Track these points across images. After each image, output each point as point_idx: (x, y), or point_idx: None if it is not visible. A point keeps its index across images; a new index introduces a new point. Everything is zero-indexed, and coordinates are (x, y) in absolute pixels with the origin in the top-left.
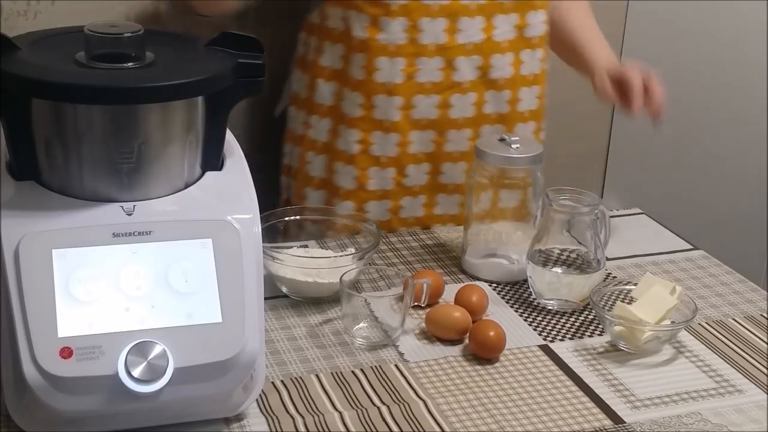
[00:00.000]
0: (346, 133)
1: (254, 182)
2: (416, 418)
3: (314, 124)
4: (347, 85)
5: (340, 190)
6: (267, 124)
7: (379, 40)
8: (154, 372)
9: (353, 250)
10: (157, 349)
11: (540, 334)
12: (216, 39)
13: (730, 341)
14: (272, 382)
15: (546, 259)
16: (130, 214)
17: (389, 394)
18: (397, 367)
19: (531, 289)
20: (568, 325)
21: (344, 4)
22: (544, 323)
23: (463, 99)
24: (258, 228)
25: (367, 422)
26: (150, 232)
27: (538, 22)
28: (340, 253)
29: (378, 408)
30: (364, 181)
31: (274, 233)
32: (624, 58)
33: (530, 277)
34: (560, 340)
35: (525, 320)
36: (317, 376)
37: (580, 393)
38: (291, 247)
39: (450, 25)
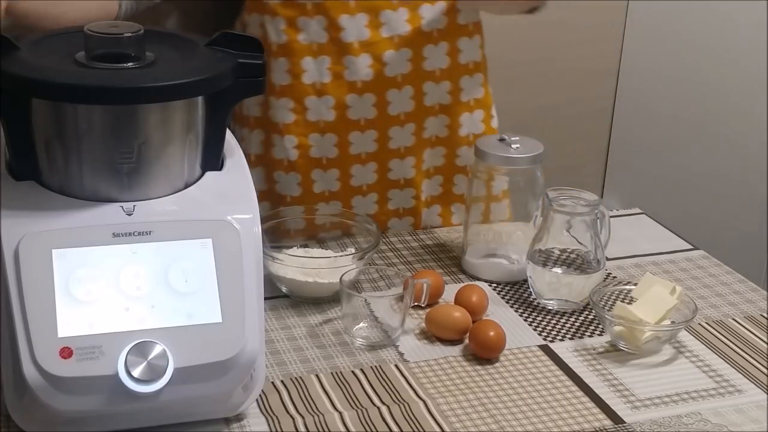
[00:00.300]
0: (281, 141)
1: None
2: (416, 418)
3: (245, 137)
4: (273, 93)
5: (285, 198)
6: None
7: (300, 41)
8: (154, 372)
9: (353, 250)
10: (157, 349)
11: (540, 334)
12: (215, 39)
13: (730, 341)
14: (272, 382)
15: (546, 259)
16: (130, 214)
17: (389, 394)
18: (397, 367)
19: (531, 289)
20: (568, 325)
21: (259, 9)
22: (544, 323)
23: (400, 95)
24: (258, 228)
25: (367, 422)
26: (150, 232)
27: (470, 8)
28: (340, 253)
29: (378, 408)
30: (309, 185)
31: (274, 233)
32: (624, 58)
33: (530, 277)
34: (560, 340)
35: (525, 320)
36: (317, 376)
37: (580, 393)
38: (291, 247)
39: (372, 19)
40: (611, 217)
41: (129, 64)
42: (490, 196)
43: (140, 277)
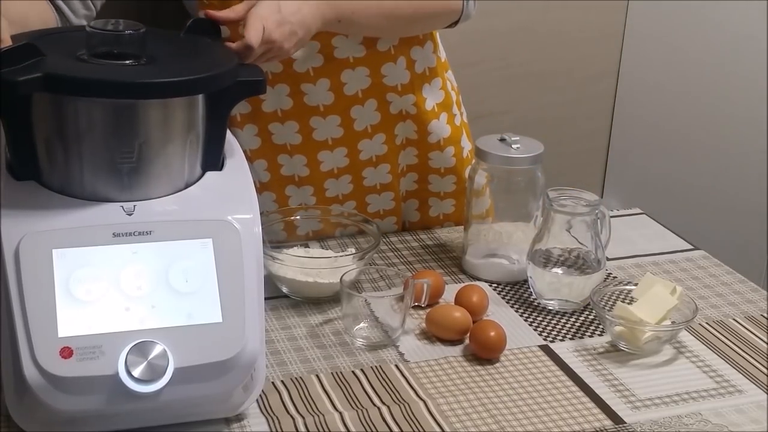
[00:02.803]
0: (251, 167)
1: None
2: (416, 419)
3: None
4: (234, 123)
5: (262, 215)
6: None
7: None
8: (154, 372)
9: (353, 250)
10: (157, 349)
11: (540, 335)
12: (190, 26)
13: (731, 341)
14: (272, 382)
15: (546, 260)
16: (130, 214)
17: (389, 395)
18: (397, 367)
19: (531, 289)
20: (568, 326)
21: None
22: (545, 323)
23: (364, 110)
24: (258, 228)
25: (367, 422)
26: (150, 232)
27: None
28: (340, 253)
29: (378, 408)
30: (284, 202)
31: (275, 233)
32: (624, 58)
33: (530, 277)
34: (560, 340)
35: (525, 320)
36: (317, 376)
37: (580, 393)
38: (291, 247)
39: (326, 41)
40: (611, 217)
41: (129, 61)
42: (490, 196)
43: (140, 277)
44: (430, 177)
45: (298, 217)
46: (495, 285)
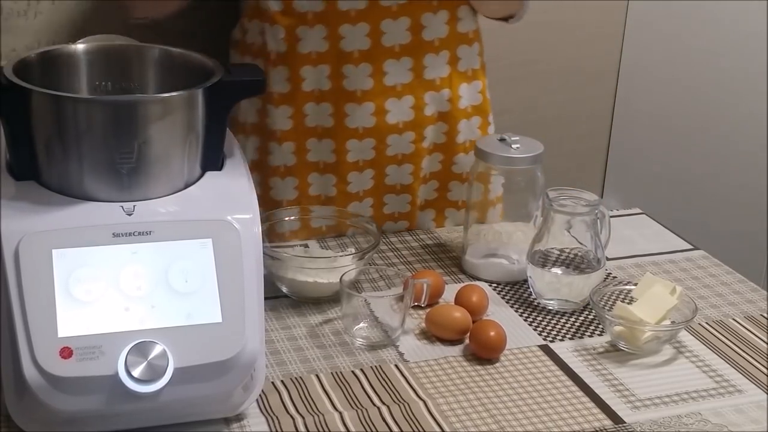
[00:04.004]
0: (279, 149)
1: None
2: (416, 418)
3: (241, 143)
4: (270, 101)
5: (282, 203)
6: None
7: (299, 51)
8: (154, 372)
9: (353, 250)
10: (157, 349)
11: (540, 334)
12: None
13: (730, 341)
14: (272, 382)
15: (546, 260)
16: (130, 214)
17: (389, 394)
18: (397, 367)
19: (531, 289)
20: (568, 325)
21: (260, 17)
22: (544, 323)
23: (400, 103)
24: (258, 228)
25: (367, 422)
26: (150, 232)
27: (469, 15)
28: (340, 253)
29: (378, 408)
30: (306, 189)
31: (274, 233)
32: (624, 58)
33: (530, 277)
34: (560, 340)
35: (525, 320)
36: (317, 376)
37: (580, 393)
38: (291, 247)
39: (373, 28)
40: (611, 217)
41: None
42: (490, 196)
43: (140, 277)
44: (451, 184)
45: (298, 217)
46: (495, 285)
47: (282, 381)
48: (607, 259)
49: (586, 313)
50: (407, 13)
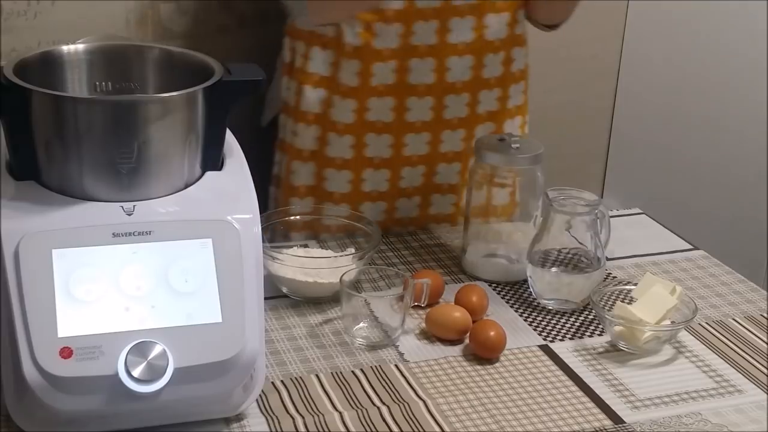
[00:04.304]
0: (338, 140)
1: None
2: (416, 418)
3: (300, 132)
4: (338, 92)
5: (333, 195)
6: (256, 134)
7: (374, 46)
8: (154, 372)
9: (353, 250)
10: (157, 349)
11: (540, 334)
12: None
13: (730, 341)
14: (272, 382)
15: (546, 259)
16: (130, 214)
17: (389, 394)
18: (397, 367)
19: (531, 289)
20: (568, 325)
21: None
22: (544, 323)
23: (457, 100)
24: (258, 228)
25: (367, 422)
26: (150, 232)
27: (523, 18)
28: (340, 253)
29: (378, 408)
30: (359, 184)
31: (274, 233)
32: (624, 58)
33: (530, 277)
34: (560, 340)
35: (525, 320)
36: (317, 376)
37: (580, 393)
38: (291, 247)
39: (441, 25)
40: (611, 217)
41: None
42: (490, 196)
43: (140, 277)
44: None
45: (298, 217)
46: (495, 285)
47: (282, 381)
48: (607, 259)
49: (586, 313)
50: (473, 13)
